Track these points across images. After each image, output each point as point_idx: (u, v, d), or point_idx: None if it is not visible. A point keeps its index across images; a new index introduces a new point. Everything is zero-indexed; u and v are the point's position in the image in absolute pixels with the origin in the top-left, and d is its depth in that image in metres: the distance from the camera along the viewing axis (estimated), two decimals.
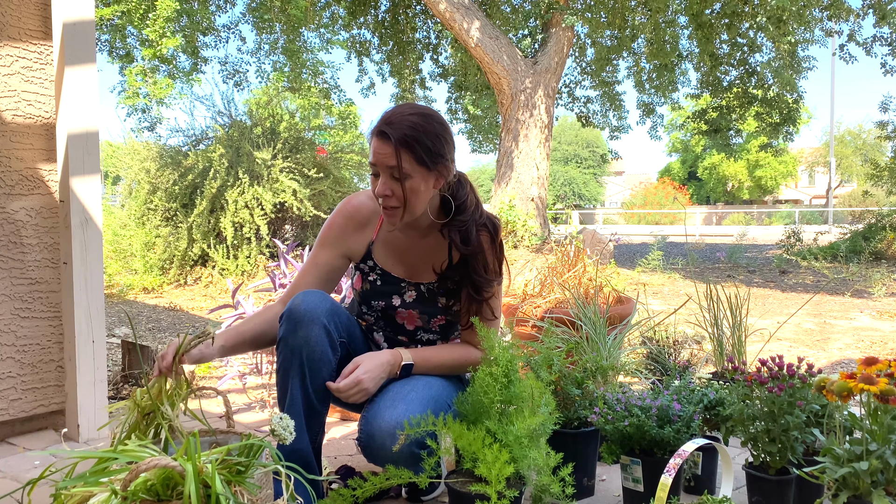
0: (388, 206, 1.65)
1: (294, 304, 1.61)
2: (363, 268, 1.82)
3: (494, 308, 1.79)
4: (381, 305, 1.81)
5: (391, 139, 1.59)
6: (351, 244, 1.81)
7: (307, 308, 1.60)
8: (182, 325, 5.95)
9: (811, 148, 39.52)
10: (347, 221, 1.81)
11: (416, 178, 1.62)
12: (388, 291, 1.80)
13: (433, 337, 1.86)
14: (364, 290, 1.82)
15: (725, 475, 1.65)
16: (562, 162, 39.43)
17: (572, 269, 3.35)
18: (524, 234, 9.78)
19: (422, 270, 1.80)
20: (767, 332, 4.26)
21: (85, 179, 2.38)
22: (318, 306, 1.61)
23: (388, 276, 1.80)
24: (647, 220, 30.15)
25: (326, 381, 1.62)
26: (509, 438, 1.47)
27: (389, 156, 1.59)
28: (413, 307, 1.80)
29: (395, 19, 13.17)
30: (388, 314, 1.82)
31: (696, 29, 11.76)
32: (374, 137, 1.63)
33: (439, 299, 1.80)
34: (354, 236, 1.81)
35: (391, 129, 1.60)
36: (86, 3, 2.38)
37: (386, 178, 1.62)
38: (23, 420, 2.40)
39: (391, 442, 1.55)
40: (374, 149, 1.63)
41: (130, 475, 1.06)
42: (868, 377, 1.37)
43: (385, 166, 1.61)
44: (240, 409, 2.86)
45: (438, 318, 1.82)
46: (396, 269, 1.81)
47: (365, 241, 1.81)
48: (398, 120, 1.61)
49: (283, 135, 8.64)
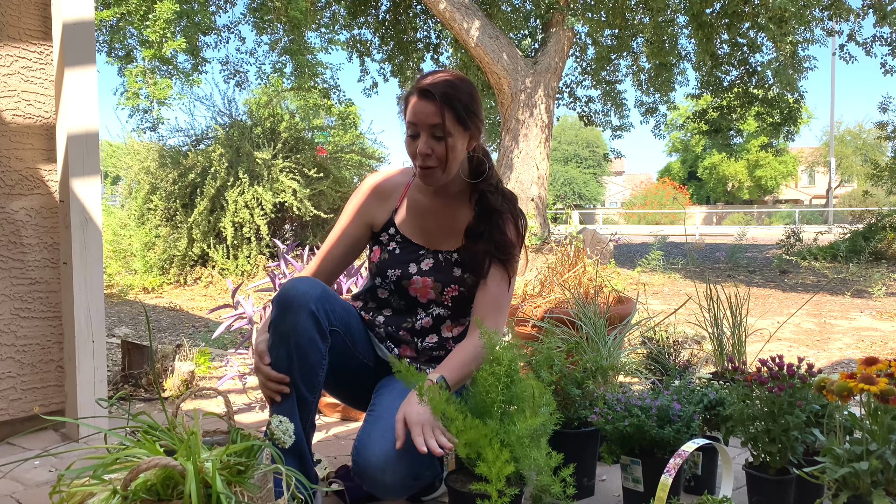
0: (428, 165, 1.69)
1: (284, 289, 1.63)
2: (383, 238, 1.85)
3: (511, 275, 1.80)
4: (396, 274, 1.80)
5: (435, 97, 1.65)
6: (375, 215, 1.86)
7: (296, 293, 1.60)
8: (182, 324, 5.95)
9: (811, 148, 39.52)
10: (372, 194, 1.87)
11: (456, 136, 1.68)
12: (405, 259, 1.81)
13: (443, 312, 1.82)
14: (381, 261, 1.82)
15: (725, 475, 1.65)
16: (562, 162, 39.42)
17: (572, 269, 3.35)
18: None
19: (442, 238, 1.82)
20: (767, 332, 4.26)
21: (85, 179, 2.38)
22: (307, 292, 1.61)
23: (408, 243, 1.82)
24: (647, 220, 30.15)
25: (315, 368, 1.62)
26: (511, 438, 1.47)
27: (433, 114, 1.65)
28: (428, 275, 1.80)
29: (396, 19, 13.17)
30: (402, 286, 1.80)
31: (696, 29, 11.76)
32: (413, 97, 1.68)
33: (455, 269, 1.81)
34: (378, 207, 1.86)
35: (433, 88, 1.66)
36: (86, 3, 2.37)
37: (427, 137, 1.67)
38: (23, 420, 2.40)
39: (383, 475, 1.53)
40: (414, 108, 1.67)
41: (131, 475, 1.06)
42: (868, 377, 1.37)
43: (427, 125, 1.66)
44: (240, 409, 2.86)
45: (452, 287, 1.80)
46: (417, 236, 1.83)
47: (389, 209, 1.86)
48: (437, 81, 1.68)
49: (284, 135, 8.64)
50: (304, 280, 1.67)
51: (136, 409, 1.65)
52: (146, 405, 2.90)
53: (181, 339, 5.02)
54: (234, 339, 4.66)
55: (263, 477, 1.24)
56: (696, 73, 13.23)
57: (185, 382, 3.08)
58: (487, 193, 1.79)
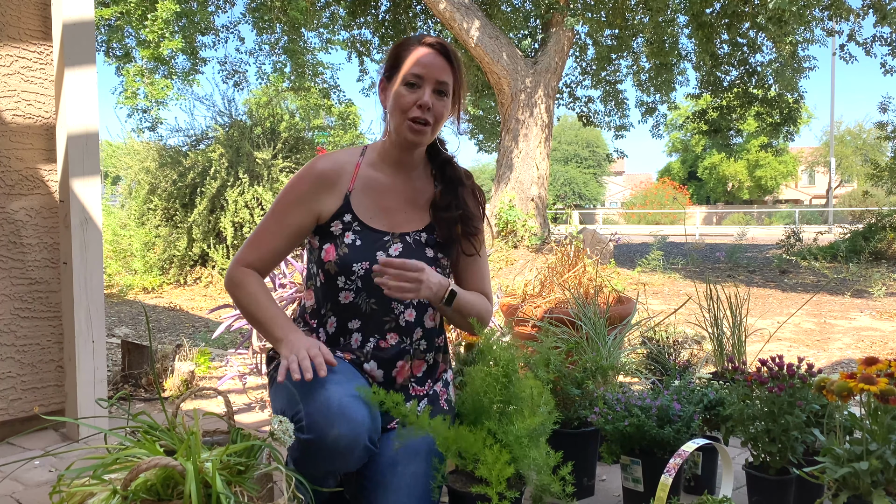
0: (423, 119, 1.59)
1: (333, 433, 1.38)
2: (335, 230, 1.63)
3: (480, 247, 1.77)
4: (364, 267, 1.59)
5: (449, 55, 1.62)
6: (323, 201, 1.65)
7: (347, 443, 1.40)
8: (182, 324, 5.95)
9: (811, 148, 39.50)
10: (319, 179, 1.66)
11: (450, 101, 1.65)
12: (371, 249, 1.62)
13: (424, 301, 1.66)
14: (342, 256, 1.60)
15: (725, 475, 1.65)
16: (562, 162, 39.42)
17: (572, 269, 3.35)
18: (524, 233, 9.77)
19: (405, 217, 1.69)
20: (767, 332, 4.27)
21: (85, 179, 2.38)
22: (362, 422, 1.41)
23: (369, 232, 1.63)
24: (647, 220, 30.13)
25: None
26: (509, 438, 1.47)
27: (444, 69, 1.61)
28: None
29: (396, 19, 13.17)
30: (372, 280, 1.56)
31: (696, 29, 11.76)
32: (420, 48, 1.61)
33: (427, 250, 1.67)
34: (327, 193, 1.65)
35: (445, 46, 1.62)
36: (86, 3, 2.37)
37: (430, 91, 1.59)
38: (23, 420, 2.40)
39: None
40: (423, 59, 1.59)
41: (131, 475, 1.06)
42: (868, 377, 1.37)
43: (435, 79, 1.60)
44: (240, 409, 2.86)
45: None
46: (377, 220, 1.66)
47: (340, 195, 1.66)
48: (444, 42, 1.64)
49: (283, 135, 8.64)
50: (354, 403, 1.42)
51: (136, 409, 1.65)
52: (146, 405, 2.90)
53: (181, 339, 5.02)
54: (234, 339, 4.66)
55: (263, 477, 1.24)
56: (696, 73, 13.24)
57: (185, 382, 3.08)
58: (447, 165, 1.74)
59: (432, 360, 1.72)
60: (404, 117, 1.60)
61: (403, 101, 1.59)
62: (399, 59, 1.62)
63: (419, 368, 1.69)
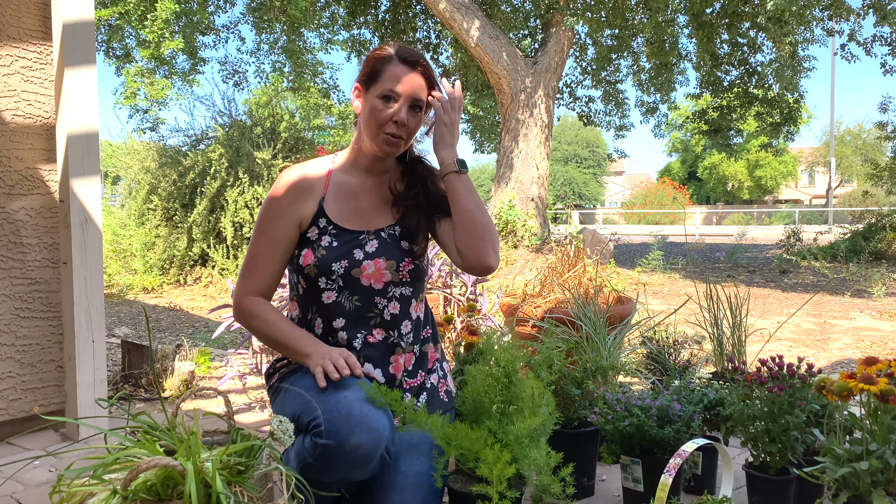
0: (399, 135, 1.66)
1: (352, 441, 1.41)
2: (311, 235, 1.68)
3: None
4: (344, 265, 1.64)
5: (426, 73, 1.67)
6: (302, 211, 1.70)
7: (366, 451, 1.41)
8: (182, 324, 5.95)
9: (811, 148, 39.50)
10: (294, 190, 1.71)
11: (423, 113, 1.70)
12: (347, 248, 1.66)
13: (406, 291, 1.70)
14: (320, 258, 1.65)
15: (725, 475, 1.65)
16: (562, 162, 39.42)
17: (572, 269, 3.35)
18: (524, 233, 9.77)
19: (377, 215, 1.73)
20: (767, 332, 4.27)
21: (85, 179, 2.38)
22: (383, 432, 1.43)
23: (344, 233, 1.68)
24: (647, 220, 30.13)
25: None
26: (510, 438, 1.47)
27: (422, 89, 1.66)
28: (377, 255, 1.67)
29: (396, 19, 13.17)
30: (352, 276, 1.64)
31: (696, 29, 11.76)
32: (398, 65, 1.65)
33: (402, 242, 1.71)
34: (303, 202, 1.70)
35: (422, 62, 1.67)
36: (86, 3, 2.38)
37: (406, 109, 1.65)
38: (23, 420, 2.40)
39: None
40: (403, 77, 1.64)
41: (131, 475, 1.06)
42: (868, 377, 1.37)
43: (415, 99, 1.65)
44: (240, 409, 2.86)
45: (405, 262, 1.70)
46: (352, 222, 1.70)
47: (315, 201, 1.71)
48: (419, 55, 1.69)
49: (283, 135, 8.64)
50: (374, 415, 1.43)
51: (136, 409, 1.65)
52: (146, 405, 2.90)
53: (181, 339, 5.02)
54: (234, 339, 4.66)
55: (263, 477, 1.24)
56: (697, 73, 13.24)
57: (185, 382, 3.08)
58: (416, 164, 1.80)
59: (419, 351, 1.73)
60: (380, 131, 1.66)
61: (380, 115, 1.65)
62: (377, 73, 1.66)
63: (409, 361, 1.71)
